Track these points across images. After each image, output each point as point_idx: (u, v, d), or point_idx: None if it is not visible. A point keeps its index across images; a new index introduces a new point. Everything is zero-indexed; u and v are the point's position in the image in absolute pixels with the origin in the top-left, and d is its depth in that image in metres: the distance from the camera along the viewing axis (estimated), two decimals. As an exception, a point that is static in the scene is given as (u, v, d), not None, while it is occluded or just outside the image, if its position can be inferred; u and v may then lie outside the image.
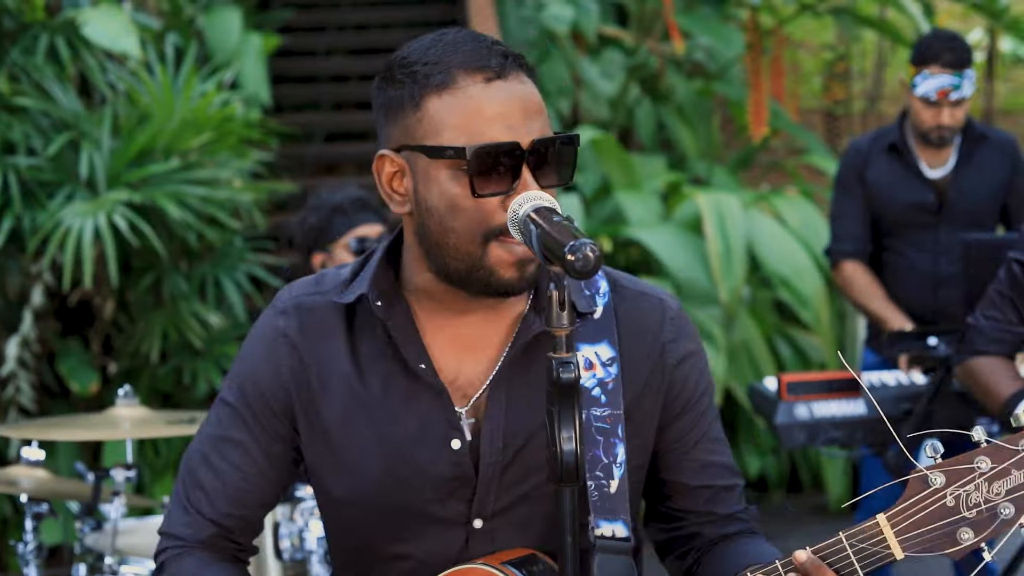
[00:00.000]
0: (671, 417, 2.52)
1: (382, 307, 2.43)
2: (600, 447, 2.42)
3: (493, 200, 2.30)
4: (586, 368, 2.43)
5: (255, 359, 2.52)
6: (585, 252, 2.03)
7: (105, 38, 7.22)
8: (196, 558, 2.54)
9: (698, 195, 8.53)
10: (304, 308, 2.50)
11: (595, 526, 2.40)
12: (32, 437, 4.65)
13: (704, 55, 10.86)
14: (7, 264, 7.54)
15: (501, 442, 2.42)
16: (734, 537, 2.57)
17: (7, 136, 7.24)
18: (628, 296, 2.53)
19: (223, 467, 2.52)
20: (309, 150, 10.36)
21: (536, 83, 2.40)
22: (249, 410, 2.51)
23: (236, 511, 2.54)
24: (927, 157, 5.68)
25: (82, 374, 7.51)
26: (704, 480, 2.56)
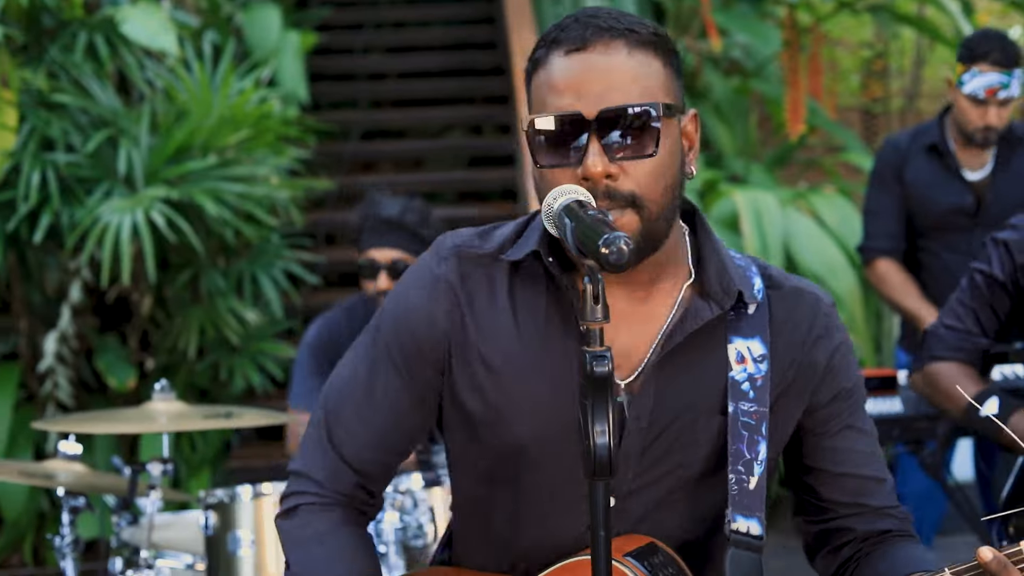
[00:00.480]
0: (816, 406, 2.50)
1: (554, 262, 2.40)
2: (744, 442, 2.41)
3: (566, 172, 2.30)
4: (738, 361, 2.43)
5: (412, 302, 2.48)
6: (619, 245, 2.02)
7: (143, 36, 7.24)
8: (331, 517, 2.52)
9: (735, 193, 8.51)
10: (465, 257, 2.48)
11: (731, 520, 2.40)
12: (69, 431, 4.68)
13: (741, 53, 10.82)
14: (46, 260, 7.59)
15: (647, 421, 2.41)
16: (891, 538, 2.54)
17: (46, 133, 7.28)
18: (783, 292, 2.51)
19: (369, 409, 2.50)
20: (346, 147, 10.38)
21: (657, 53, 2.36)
22: (401, 353, 2.48)
23: (379, 456, 2.52)
24: (966, 159, 5.63)
25: (119, 370, 7.54)
26: (848, 468, 2.52)
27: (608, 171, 2.28)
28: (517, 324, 2.43)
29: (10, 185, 7.19)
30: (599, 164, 2.27)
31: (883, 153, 5.89)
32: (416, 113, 10.97)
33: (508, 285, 2.45)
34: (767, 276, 2.51)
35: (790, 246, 8.28)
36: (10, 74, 6.96)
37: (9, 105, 6.95)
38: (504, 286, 2.45)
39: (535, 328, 2.42)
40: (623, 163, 2.29)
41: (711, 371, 2.43)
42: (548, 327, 2.42)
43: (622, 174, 2.29)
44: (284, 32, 9.42)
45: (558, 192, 2.23)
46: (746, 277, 2.47)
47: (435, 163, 10.72)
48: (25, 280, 7.68)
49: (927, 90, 12.65)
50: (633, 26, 2.35)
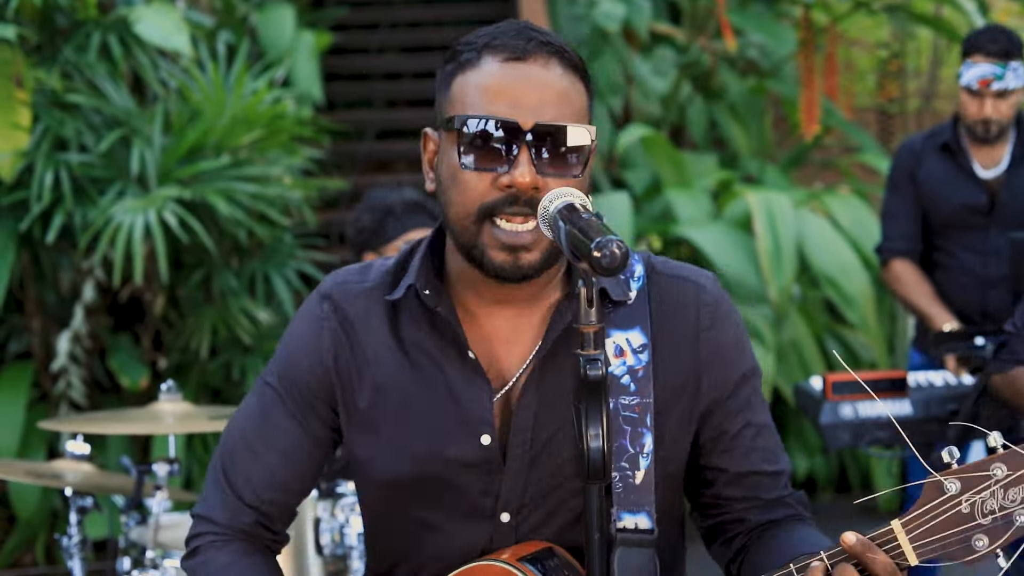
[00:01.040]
0: (711, 404, 2.49)
1: (430, 295, 2.43)
2: (627, 437, 2.40)
3: (487, 177, 2.30)
4: (616, 355, 2.42)
5: (298, 343, 2.54)
6: (611, 248, 2.02)
7: (157, 36, 7.24)
8: (231, 550, 2.55)
9: (748, 193, 8.51)
10: (349, 294, 2.52)
11: (617, 519, 2.38)
12: (76, 430, 4.69)
13: (757, 52, 10.82)
14: (59, 260, 7.60)
15: (530, 435, 2.41)
16: (782, 523, 2.54)
17: (59, 133, 7.29)
18: (664, 281, 2.50)
19: (265, 451, 2.54)
20: (361, 147, 10.39)
21: (581, 77, 2.39)
22: (291, 394, 2.53)
23: (277, 496, 2.56)
24: (980, 157, 5.61)
25: (132, 369, 7.56)
26: (748, 466, 2.53)
27: (536, 183, 2.28)
28: (398, 357, 2.46)
29: (23, 185, 7.19)
30: (527, 175, 2.28)
31: (898, 156, 5.89)
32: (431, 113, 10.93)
33: (389, 320, 2.48)
34: (649, 265, 2.51)
35: (803, 247, 8.29)
36: (24, 74, 6.96)
37: (23, 105, 6.95)
38: (385, 322, 2.48)
39: (416, 362, 2.45)
40: (547, 178, 2.30)
41: None
42: (430, 358, 2.45)
43: (544, 188, 2.29)
44: (298, 32, 9.45)
45: (553, 195, 2.23)
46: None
47: (449, 163, 10.73)
48: (38, 280, 7.69)
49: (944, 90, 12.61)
50: (563, 47, 2.38)
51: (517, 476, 2.42)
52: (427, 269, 2.46)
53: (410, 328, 2.47)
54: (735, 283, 8.16)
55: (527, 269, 2.33)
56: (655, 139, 9.26)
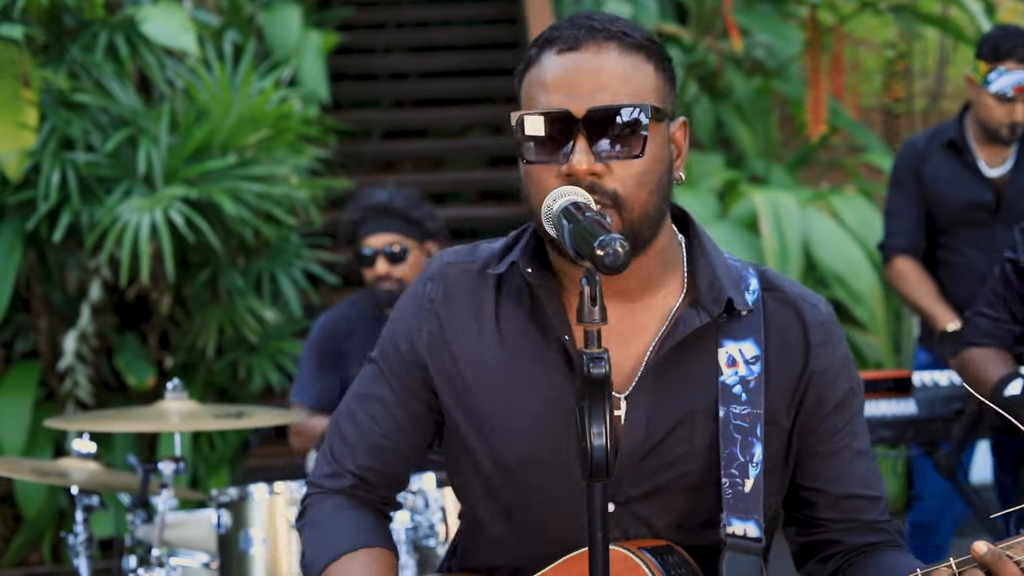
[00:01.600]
0: (816, 422, 2.49)
1: (532, 273, 2.43)
2: (737, 445, 2.42)
3: (551, 169, 2.32)
4: (729, 365, 2.44)
5: (400, 321, 2.59)
6: (614, 247, 2.03)
7: (163, 35, 7.28)
8: (334, 501, 2.63)
9: (754, 193, 8.50)
10: (452, 275, 2.55)
11: (727, 523, 2.40)
12: (81, 429, 4.71)
13: (764, 52, 10.81)
14: (66, 259, 7.63)
15: (643, 432, 2.42)
16: (879, 547, 2.55)
17: (66, 132, 7.32)
18: (780, 296, 2.50)
19: (364, 421, 2.61)
20: (367, 147, 10.40)
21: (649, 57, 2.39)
22: (390, 368, 2.58)
23: (375, 464, 2.62)
24: (986, 155, 5.60)
25: (139, 368, 7.59)
26: (846, 489, 2.53)
27: (593, 169, 2.29)
28: (501, 339, 2.48)
29: (30, 184, 7.22)
30: (584, 162, 2.28)
31: (902, 154, 5.87)
32: (437, 113, 10.99)
33: (494, 299, 2.50)
34: (764, 279, 2.51)
35: (810, 246, 8.28)
36: (31, 74, 7.00)
37: (30, 105, 7.00)
38: (490, 301, 2.51)
39: (516, 342, 2.47)
40: (609, 163, 2.31)
41: (703, 377, 2.44)
42: (529, 340, 2.46)
43: (607, 173, 2.30)
44: (305, 32, 9.47)
45: (557, 194, 2.24)
46: (741, 281, 2.47)
47: (456, 163, 10.73)
48: (45, 279, 7.72)
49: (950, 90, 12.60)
50: (626, 30, 2.37)
51: (626, 470, 2.43)
52: (533, 248, 2.47)
53: (512, 308, 2.50)
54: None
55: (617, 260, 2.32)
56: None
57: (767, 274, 2.53)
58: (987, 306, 4.33)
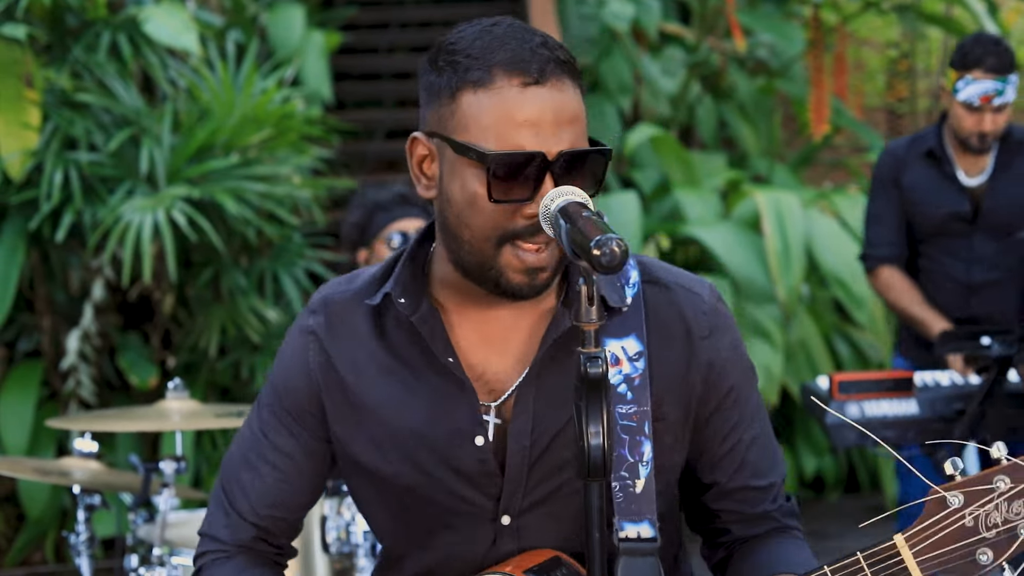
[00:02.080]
0: (706, 415, 2.48)
1: (405, 303, 2.42)
2: (626, 446, 2.39)
3: (511, 206, 2.28)
4: (612, 364, 2.39)
5: (286, 359, 2.55)
6: (611, 247, 2.01)
7: (166, 35, 7.27)
8: (234, 563, 2.55)
9: (757, 193, 8.53)
10: (332, 304, 2.52)
11: (619, 528, 2.37)
12: (84, 428, 4.72)
13: (767, 52, 10.82)
14: (68, 259, 7.65)
15: (529, 439, 2.40)
16: (763, 537, 2.55)
17: (69, 132, 7.33)
18: (660, 287, 2.47)
19: (264, 469, 2.54)
20: (370, 147, 10.41)
21: (581, 88, 2.37)
22: (284, 410, 2.53)
23: (276, 512, 2.56)
24: (964, 164, 5.56)
25: (142, 368, 7.61)
26: (739, 481, 2.53)
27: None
28: (385, 364, 2.46)
29: (33, 184, 7.23)
30: None
31: (881, 161, 5.82)
32: (440, 113, 10.99)
33: (374, 327, 2.48)
34: (644, 271, 2.48)
35: (812, 247, 8.31)
36: (34, 73, 7.00)
37: (32, 104, 6.99)
38: (370, 328, 2.48)
39: (401, 368, 2.46)
40: None
41: None
42: (415, 365, 2.45)
43: None
44: (308, 32, 9.48)
45: (555, 193, 2.22)
46: (619, 275, 2.45)
47: (458, 163, 10.74)
48: (48, 279, 7.73)
49: (954, 90, 12.58)
50: (568, 56, 2.35)
51: (517, 480, 2.41)
52: (406, 275, 2.45)
53: (394, 333, 2.47)
54: (744, 283, 8.18)
55: (541, 287, 2.32)
56: (664, 139, 9.27)
57: (647, 265, 2.50)
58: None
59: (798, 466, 8.46)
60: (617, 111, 9.94)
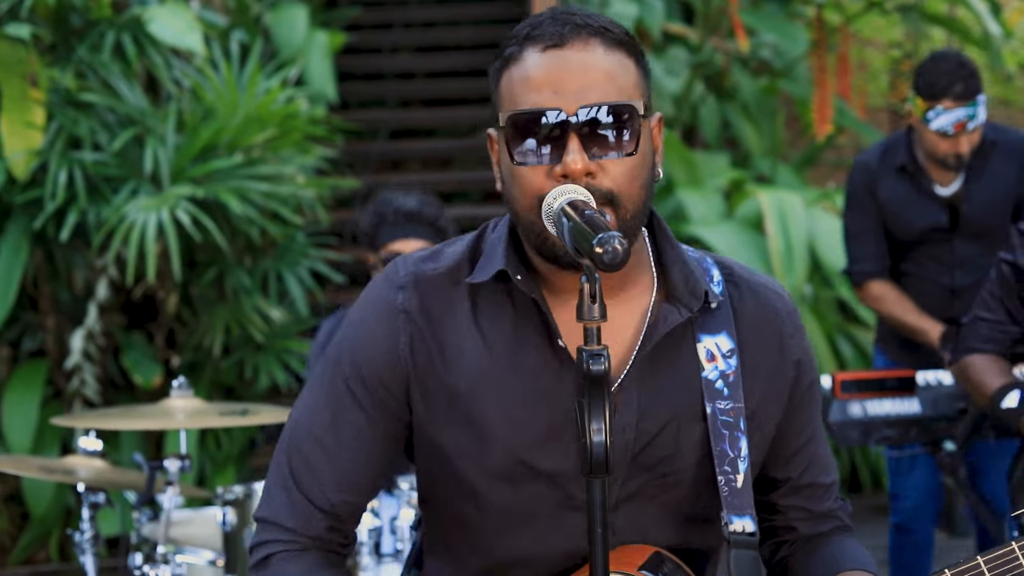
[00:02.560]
0: (789, 413, 2.49)
1: (523, 281, 2.36)
2: (726, 441, 2.40)
3: (541, 169, 2.27)
4: (708, 360, 2.40)
5: (370, 334, 2.42)
6: (613, 245, 2.01)
7: (170, 35, 7.32)
8: (305, 562, 2.44)
9: (760, 193, 8.53)
10: (424, 283, 2.42)
11: (728, 521, 2.38)
12: (87, 426, 4.73)
13: (770, 52, 10.83)
14: (73, 258, 7.68)
15: (633, 433, 2.38)
16: (827, 535, 2.57)
17: (73, 131, 7.36)
18: (744, 286, 2.48)
19: (336, 449, 2.42)
20: (374, 147, 10.43)
21: (629, 53, 2.34)
22: (363, 388, 2.41)
23: (350, 497, 2.44)
24: (938, 176, 5.48)
25: (146, 367, 7.63)
26: (810, 477, 2.55)
27: (588, 168, 2.25)
28: (486, 345, 2.38)
29: (37, 183, 7.27)
30: (579, 161, 2.24)
31: (854, 176, 5.73)
32: (444, 112, 11.02)
33: (471, 306, 2.40)
34: (725, 270, 2.49)
35: (815, 246, 8.31)
36: (38, 73, 7.03)
37: (37, 104, 7.03)
38: (466, 308, 2.40)
39: (504, 347, 2.38)
40: (602, 161, 2.27)
41: (686, 374, 2.41)
42: (518, 346, 2.38)
43: (600, 172, 2.27)
44: (312, 32, 9.51)
45: (558, 192, 2.22)
46: (706, 272, 2.45)
47: (463, 162, 10.76)
48: (52, 278, 7.76)
49: (957, 91, 12.58)
50: (608, 25, 2.33)
51: (617, 472, 2.38)
52: (512, 254, 2.38)
53: (491, 314, 2.40)
54: (747, 282, 8.17)
55: None
56: (667, 138, 9.25)
57: (726, 264, 2.51)
58: (984, 309, 4.35)
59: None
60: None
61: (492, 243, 2.42)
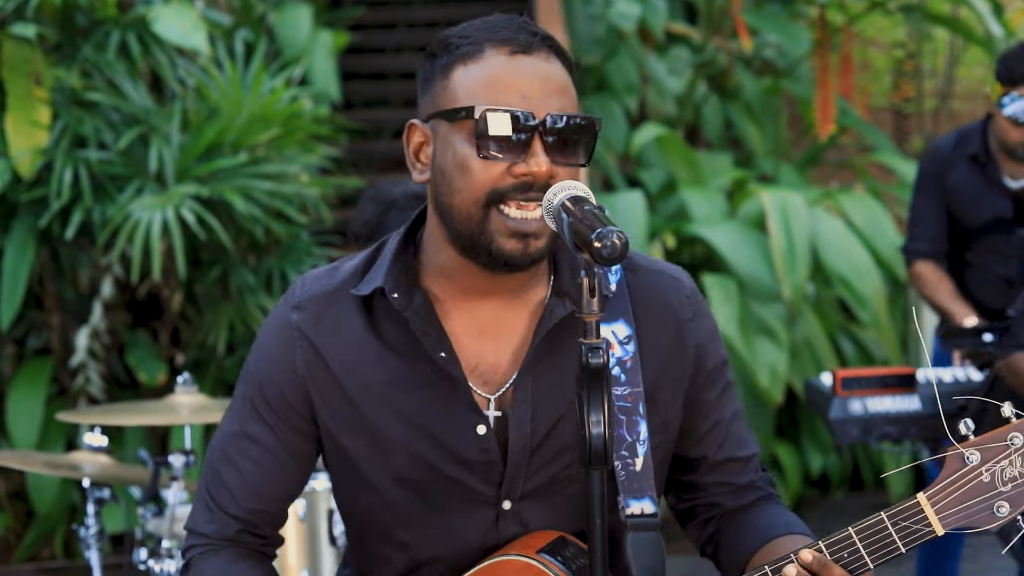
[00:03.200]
0: (694, 394, 2.58)
1: (399, 298, 2.46)
2: (623, 426, 2.46)
3: (500, 165, 2.35)
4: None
5: (270, 355, 2.55)
6: (612, 239, 2.07)
7: (175, 34, 7.34)
8: (221, 557, 2.57)
9: (763, 192, 8.56)
10: (319, 300, 2.53)
11: (625, 505, 2.44)
12: (92, 422, 4.77)
13: (774, 52, 10.87)
14: (78, 256, 7.70)
15: (529, 427, 2.46)
16: (752, 506, 2.64)
17: (78, 130, 7.39)
18: (642, 273, 2.57)
19: (244, 464, 2.55)
20: (378, 146, 10.46)
21: (569, 69, 2.46)
22: (266, 405, 2.54)
23: (259, 506, 2.57)
24: (1010, 168, 5.59)
25: (150, 365, 7.65)
26: (726, 453, 2.63)
27: (551, 171, 2.34)
28: (379, 356, 2.49)
29: (43, 182, 7.29)
30: (544, 164, 2.33)
31: (926, 159, 5.89)
32: (448, 112, 11.04)
33: (363, 318, 2.50)
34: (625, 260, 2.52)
35: (817, 246, 8.33)
36: (44, 72, 7.07)
37: (42, 103, 7.06)
38: (359, 320, 2.50)
39: (395, 360, 2.48)
40: (558, 167, 2.36)
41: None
42: (413, 352, 2.47)
43: (556, 177, 2.35)
44: (316, 31, 9.54)
45: (559, 188, 2.28)
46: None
47: (466, 161, 10.78)
48: (57, 276, 7.79)
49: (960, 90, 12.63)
50: (555, 40, 2.45)
51: (519, 466, 2.47)
52: (397, 268, 2.49)
53: (387, 326, 2.49)
54: (749, 282, 8.22)
55: (535, 255, 2.37)
56: (670, 138, 9.31)
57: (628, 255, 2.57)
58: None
59: (804, 464, 8.49)
60: (623, 111, 9.98)
61: (383, 258, 2.52)
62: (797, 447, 8.55)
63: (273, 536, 2.65)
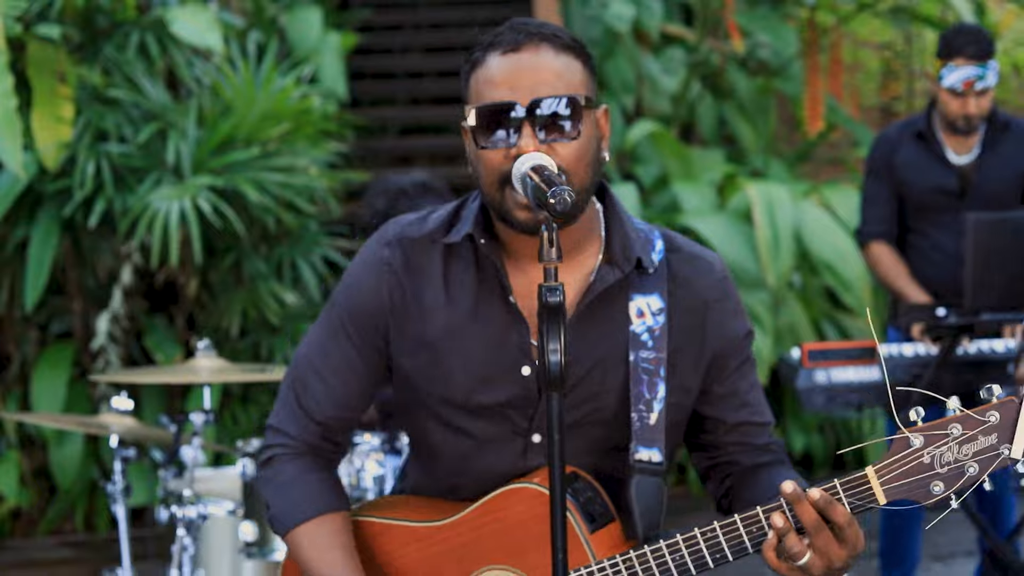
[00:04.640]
0: (716, 364, 2.92)
1: (486, 244, 2.84)
2: (644, 384, 2.84)
3: (499, 152, 2.71)
4: (638, 316, 2.85)
5: (360, 283, 2.92)
6: (563, 196, 2.46)
7: (191, 35, 7.54)
8: (299, 464, 2.97)
9: (749, 186, 8.80)
10: (407, 242, 2.92)
11: (634, 451, 2.83)
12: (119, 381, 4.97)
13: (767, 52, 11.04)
14: (99, 245, 7.94)
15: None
16: (766, 465, 2.97)
17: (100, 126, 7.65)
18: (682, 256, 2.93)
19: (330, 374, 2.93)
20: (384, 143, 10.66)
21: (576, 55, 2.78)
22: (354, 326, 2.91)
23: (339, 412, 2.96)
24: (953, 144, 5.92)
25: (167, 348, 7.90)
26: (744, 416, 2.97)
27: (539, 149, 2.70)
28: (449, 299, 2.86)
29: (67, 174, 7.53)
30: (530, 144, 2.68)
31: (876, 145, 6.20)
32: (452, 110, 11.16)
33: (442, 265, 2.88)
34: (668, 241, 2.93)
35: (802, 235, 8.59)
36: (67, 71, 7.25)
37: (66, 100, 7.22)
38: (439, 266, 2.88)
39: (465, 301, 2.85)
40: (552, 144, 2.71)
41: (616, 327, 2.86)
42: (478, 299, 2.85)
43: (552, 153, 2.70)
44: (325, 33, 9.77)
45: (526, 158, 2.66)
46: (648, 243, 2.89)
47: (469, 158, 10.94)
48: (80, 264, 8.01)
49: (949, 90, 12.70)
50: (557, 32, 2.79)
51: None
52: (480, 222, 2.86)
53: (461, 271, 2.87)
54: (736, 270, 8.41)
55: None
56: (663, 135, 9.53)
57: (670, 237, 2.95)
58: None
59: (788, 444, 8.69)
60: (620, 109, 10.18)
61: (468, 212, 2.90)
62: (781, 428, 8.79)
63: (344, 442, 3.05)
